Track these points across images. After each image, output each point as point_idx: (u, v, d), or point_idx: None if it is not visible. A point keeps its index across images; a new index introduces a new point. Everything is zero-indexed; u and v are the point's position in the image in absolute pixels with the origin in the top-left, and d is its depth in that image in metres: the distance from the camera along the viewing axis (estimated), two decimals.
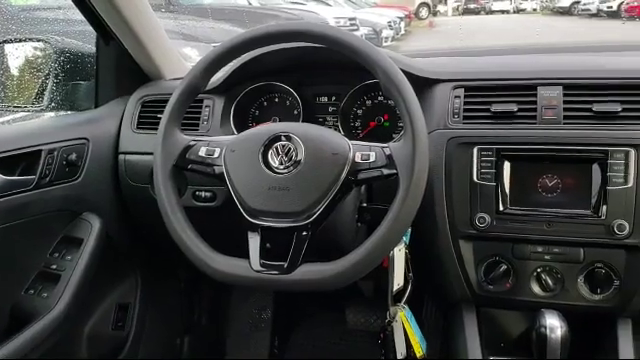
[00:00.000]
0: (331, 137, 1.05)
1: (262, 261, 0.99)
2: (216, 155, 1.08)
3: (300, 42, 1.15)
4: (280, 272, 0.98)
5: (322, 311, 2.13)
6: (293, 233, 0.99)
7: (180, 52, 1.78)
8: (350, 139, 1.05)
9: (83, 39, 1.69)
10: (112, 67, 1.62)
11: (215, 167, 1.08)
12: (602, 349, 1.25)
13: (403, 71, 1.02)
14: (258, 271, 0.99)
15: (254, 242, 1.01)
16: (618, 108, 1.15)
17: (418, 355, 1.28)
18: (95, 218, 1.47)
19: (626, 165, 1.13)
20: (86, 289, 1.42)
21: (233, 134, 1.24)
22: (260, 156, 1.03)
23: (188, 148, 1.10)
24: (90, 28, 1.53)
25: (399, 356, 1.28)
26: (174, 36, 3.05)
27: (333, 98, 1.48)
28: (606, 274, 1.18)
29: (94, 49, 1.62)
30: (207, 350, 2.04)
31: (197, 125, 1.46)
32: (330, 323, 2.10)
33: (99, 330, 1.63)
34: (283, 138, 1.04)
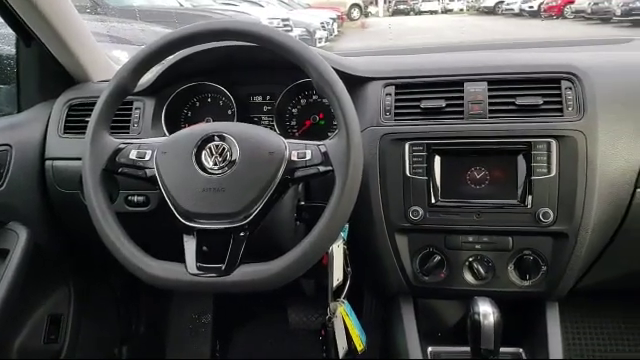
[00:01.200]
0: (266, 136, 1.05)
1: (199, 264, 0.98)
2: (147, 157, 1.05)
3: (232, 41, 1.14)
4: (218, 274, 0.97)
5: (264, 312, 2.12)
6: (230, 234, 0.98)
7: (110, 55, 1.72)
8: (286, 138, 1.05)
9: (1, 41, 1.61)
10: (35, 70, 1.55)
11: (147, 170, 1.05)
12: (532, 332, 1.31)
13: (335, 70, 1.03)
14: (195, 274, 0.97)
15: (190, 245, 0.99)
16: (539, 101, 1.21)
17: (358, 348, 1.29)
18: (22, 227, 1.40)
19: (548, 156, 1.18)
20: (13, 302, 1.35)
21: (165, 136, 1.22)
22: (193, 157, 1.02)
23: (118, 151, 1.07)
24: (8, 30, 1.46)
25: (340, 351, 1.30)
26: (102, 39, 2.95)
27: (268, 97, 1.48)
28: (534, 260, 1.23)
29: (13, 51, 1.54)
30: (147, 359, 1.98)
31: (127, 128, 1.42)
32: (272, 323, 2.09)
33: (30, 344, 1.56)
34: (217, 138, 1.03)
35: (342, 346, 1.29)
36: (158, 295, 2.05)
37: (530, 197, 1.19)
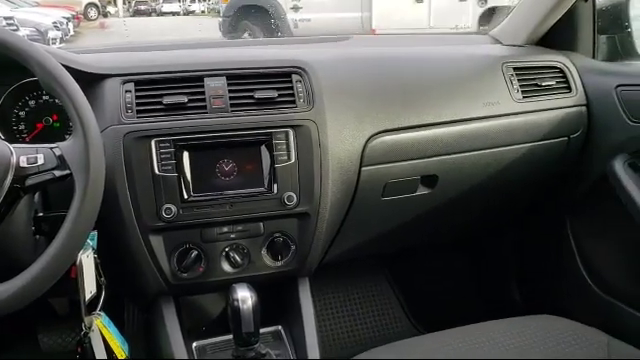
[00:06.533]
0: None
1: None
2: None
3: None
4: None
5: (11, 341, 1.88)
6: None
7: None
8: (14, 144, 0.95)
9: None
10: None
11: None
12: (289, 309, 1.41)
13: (66, 66, 0.97)
14: None
15: None
16: (275, 94, 1.30)
17: (121, 359, 1.24)
18: None
19: (287, 144, 1.28)
20: None
21: None
22: None
23: None
24: None
25: None
26: None
27: None
28: (284, 242, 1.32)
29: None
30: None
31: None
32: (22, 352, 1.87)
33: None
34: None
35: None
36: None
37: (276, 184, 1.27)
